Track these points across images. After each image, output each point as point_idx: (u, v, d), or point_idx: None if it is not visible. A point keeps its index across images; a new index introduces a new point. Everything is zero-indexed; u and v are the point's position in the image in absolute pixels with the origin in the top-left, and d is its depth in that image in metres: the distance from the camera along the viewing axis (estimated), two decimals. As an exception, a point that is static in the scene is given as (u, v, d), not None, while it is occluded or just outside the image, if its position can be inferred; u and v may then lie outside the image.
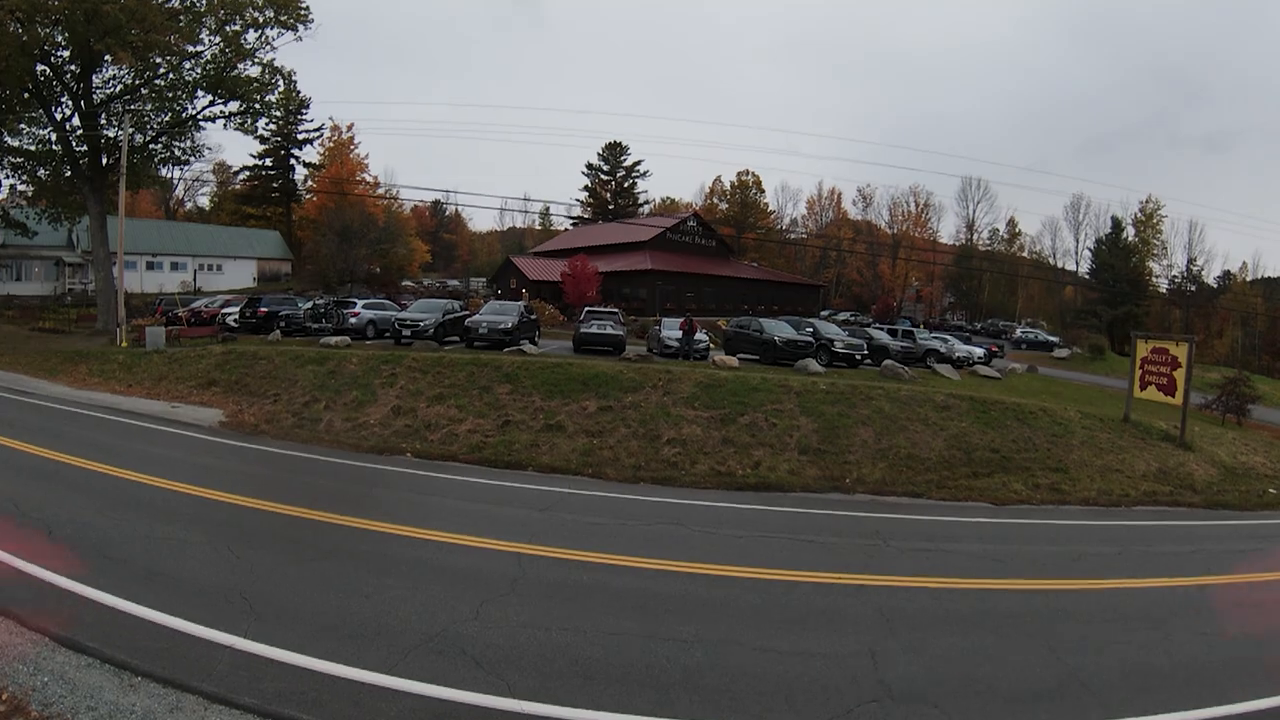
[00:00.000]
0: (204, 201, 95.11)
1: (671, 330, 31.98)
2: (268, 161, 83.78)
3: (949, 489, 18.85)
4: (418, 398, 22.19)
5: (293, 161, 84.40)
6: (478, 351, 27.64)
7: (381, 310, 33.63)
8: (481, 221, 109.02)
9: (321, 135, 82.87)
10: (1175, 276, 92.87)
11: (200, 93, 43.32)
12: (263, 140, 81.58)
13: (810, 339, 31.09)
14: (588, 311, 33.66)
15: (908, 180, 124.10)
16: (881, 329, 39.75)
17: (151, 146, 44.45)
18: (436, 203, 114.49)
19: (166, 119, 43.67)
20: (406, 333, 30.29)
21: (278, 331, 33.59)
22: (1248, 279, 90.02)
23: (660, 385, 22.22)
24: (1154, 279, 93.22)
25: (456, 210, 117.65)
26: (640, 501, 15.36)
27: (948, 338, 43.30)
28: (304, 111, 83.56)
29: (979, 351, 43.95)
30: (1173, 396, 25.39)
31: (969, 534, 15.02)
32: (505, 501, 14.69)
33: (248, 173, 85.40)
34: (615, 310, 32.03)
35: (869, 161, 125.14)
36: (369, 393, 22.79)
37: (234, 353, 27.55)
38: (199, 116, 44.79)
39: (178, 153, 46.49)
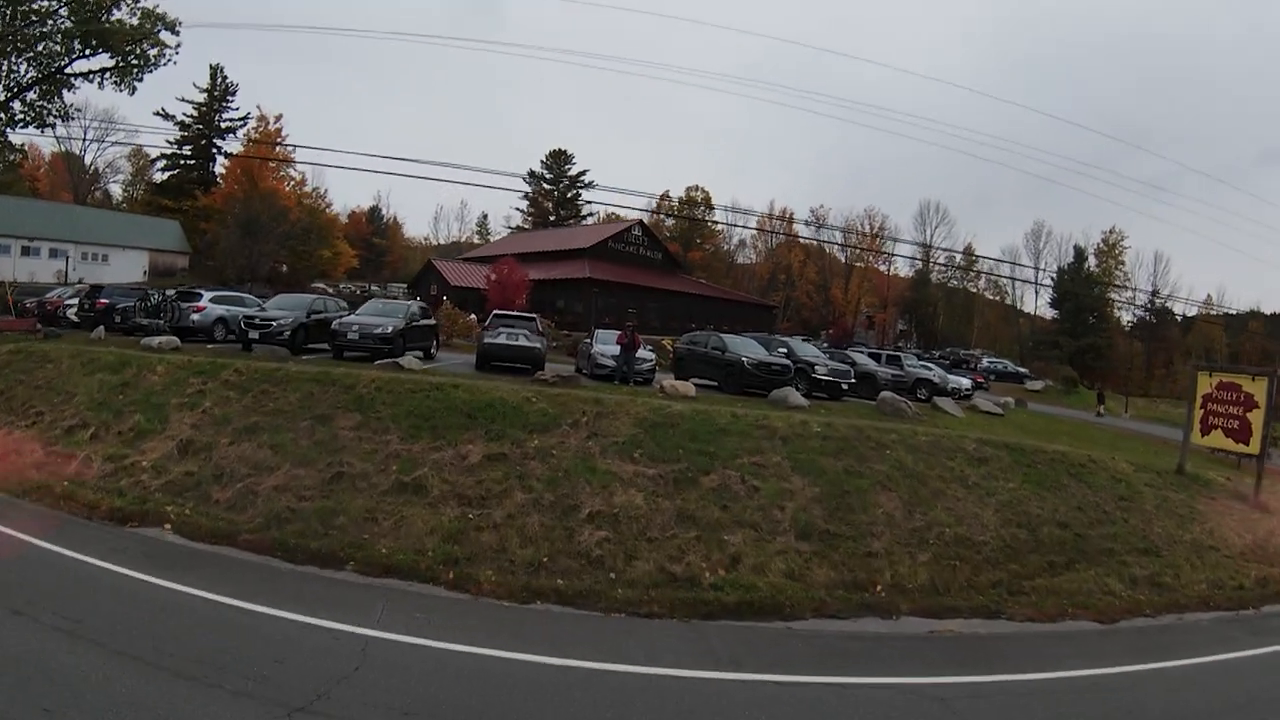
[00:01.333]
0: (116, 190, 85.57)
1: (607, 345, 24.33)
2: (186, 150, 75.09)
3: (1028, 597, 12.15)
4: (221, 428, 14.42)
5: (214, 152, 75.92)
6: (346, 365, 19.97)
7: (240, 306, 25.64)
8: (417, 229, 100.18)
9: (246, 125, 74.75)
10: (1138, 308, 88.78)
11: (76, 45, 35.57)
12: (183, 127, 73.55)
13: (786, 362, 24.07)
14: (495, 317, 24.60)
15: (862, 202, 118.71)
16: (861, 353, 32.68)
17: (12, 105, 36.46)
18: (374, 209, 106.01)
19: (31, 75, 35.82)
20: (254, 334, 22.55)
21: (102, 329, 25.45)
22: (1212, 311, 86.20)
23: (585, 422, 14.78)
24: (1116, 310, 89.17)
25: (394, 218, 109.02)
26: (523, 669, 7.87)
27: (931, 366, 36.69)
28: (230, 99, 75.76)
29: (966, 383, 37.46)
30: (1246, 443, 19.25)
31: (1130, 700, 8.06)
32: (203, 680, 6.72)
33: (164, 160, 76.43)
34: (532, 317, 24.11)
35: (824, 180, 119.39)
36: (157, 417, 14.97)
37: (22, 353, 19.54)
38: (69, 72, 36.93)
39: (45, 115, 38.48)
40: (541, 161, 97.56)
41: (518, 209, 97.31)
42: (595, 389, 18.92)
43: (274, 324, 22.63)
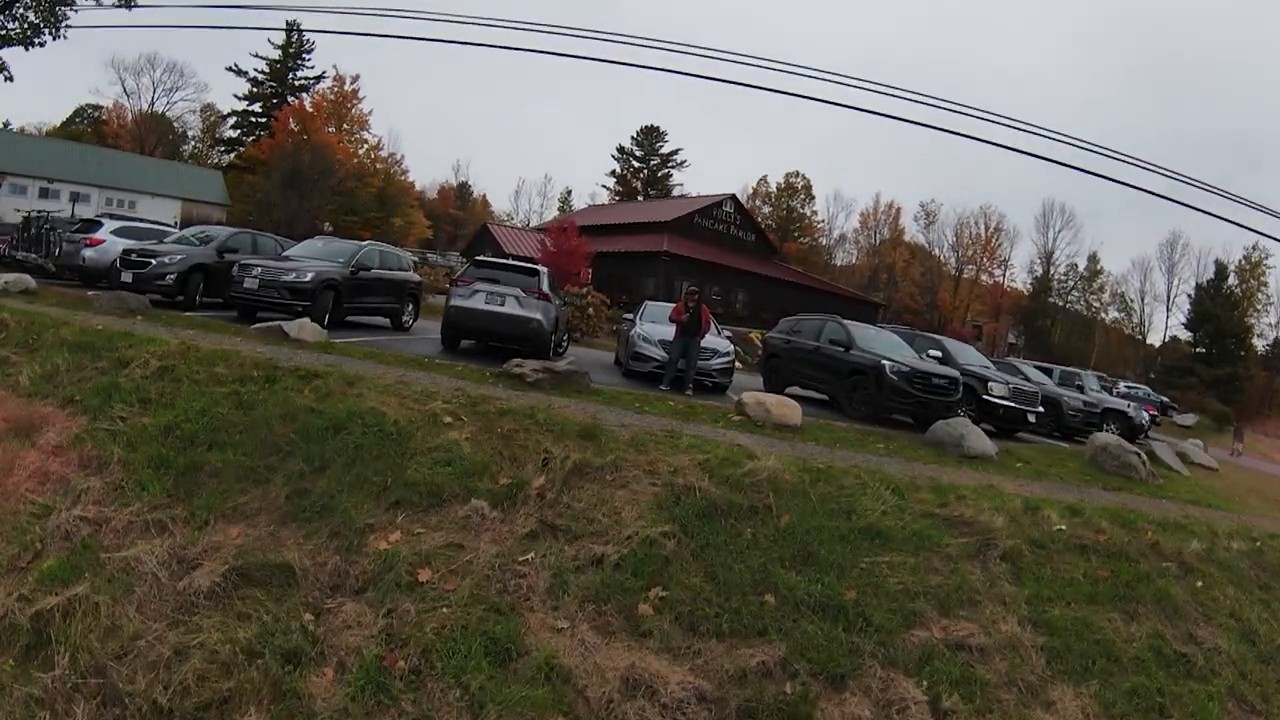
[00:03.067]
0: (186, 149, 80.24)
1: (657, 324, 14.81)
2: (257, 108, 68.83)
3: None
4: None
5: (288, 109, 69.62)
6: (232, 330, 11.58)
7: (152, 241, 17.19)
8: (499, 205, 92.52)
9: (321, 84, 68.12)
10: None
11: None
12: (255, 84, 67.25)
13: (954, 374, 14.34)
14: (475, 265, 15.07)
15: (977, 199, 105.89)
16: (1026, 367, 22.54)
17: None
18: (463, 185, 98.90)
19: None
20: (127, 275, 14.32)
21: (-19, 266, 17.51)
22: None
23: (538, 490, 6.27)
24: (1255, 338, 75.86)
25: (484, 197, 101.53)
26: None
27: (1108, 392, 26.63)
28: (305, 57, 69.17)
29: (1145, 416, 27.36)
30: None
31: None
32: None
33: (235, 118, 70.38)
34: (536, 269, 14.66)
35: (937, 171, 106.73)
36: None
37: None
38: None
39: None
40: (632, 137, 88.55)
41: (604, 186, 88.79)
42: (612, 397, 10.11)
43: (154, 262, 14.38)
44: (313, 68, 69.00)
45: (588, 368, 12.67)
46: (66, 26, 34.79)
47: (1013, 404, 15.31)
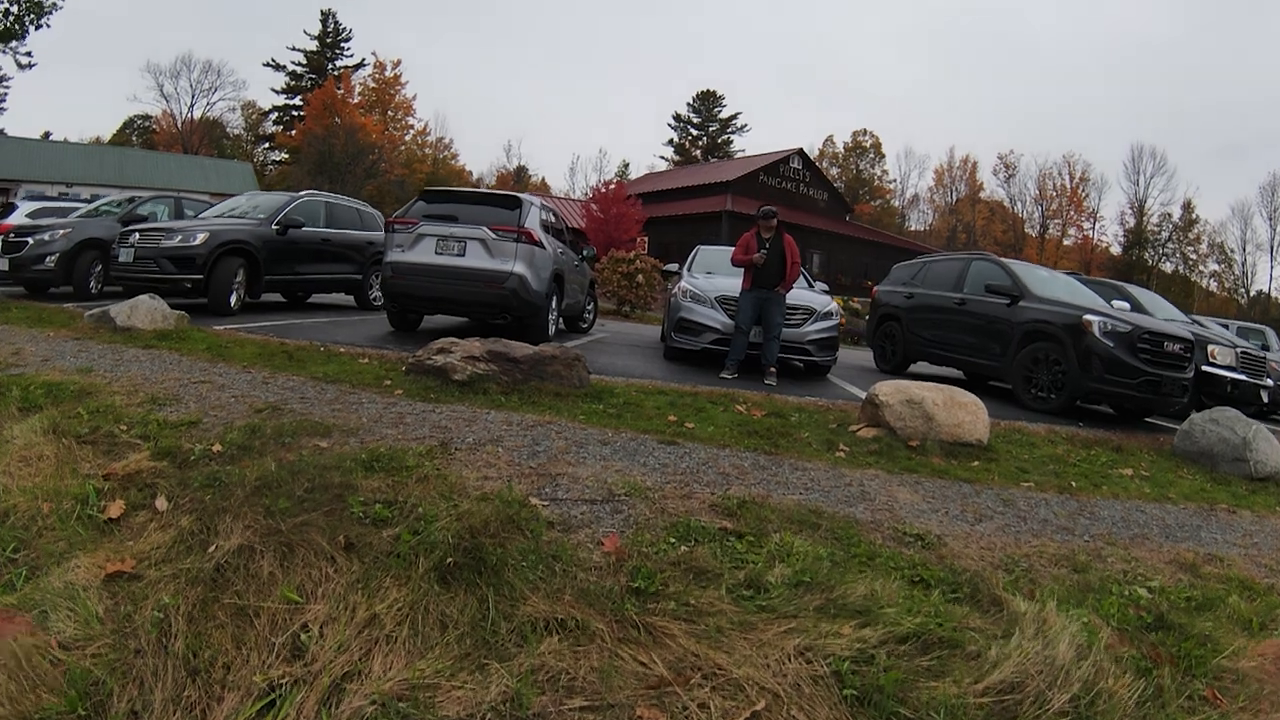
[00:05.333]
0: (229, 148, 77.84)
1: (715, 276, 9.50)
2: (297, 101, 65.57)
3: None
4: None
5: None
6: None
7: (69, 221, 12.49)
8: (555, 182, 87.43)
9: (361, 72, 64.54)
10: None
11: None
12: (294, 77, 64.02)
13: (1189, 336, 8.53)
14: (424, 197, 9.05)
15: (1060, 148, 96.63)
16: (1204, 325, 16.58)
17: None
18: (520, 169, 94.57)
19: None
20: (2, 263, 10.32)
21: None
22: None
23: None
24: None
25: (543, 180, 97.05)
26: None
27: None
28: (344, 45, 65.73)
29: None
30: None
31: None
32: None
33: (276, 113, 67.23)
34: (524, 197, 9.03)
35: (1017, 121, 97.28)
36: None
37: None
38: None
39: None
40: (688, 104, 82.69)
41: (662, 158, 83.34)
42: (625, 404, 5.30)
43: (30, 242, 10.13)
44: (351, 55, 65.62)
45: (623, 349, 7.94)
46: (49, 15, 30.96)
47: (1245, 377, 9.99)
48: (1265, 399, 10.30)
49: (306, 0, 75.39)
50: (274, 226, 10.20)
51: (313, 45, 64.79)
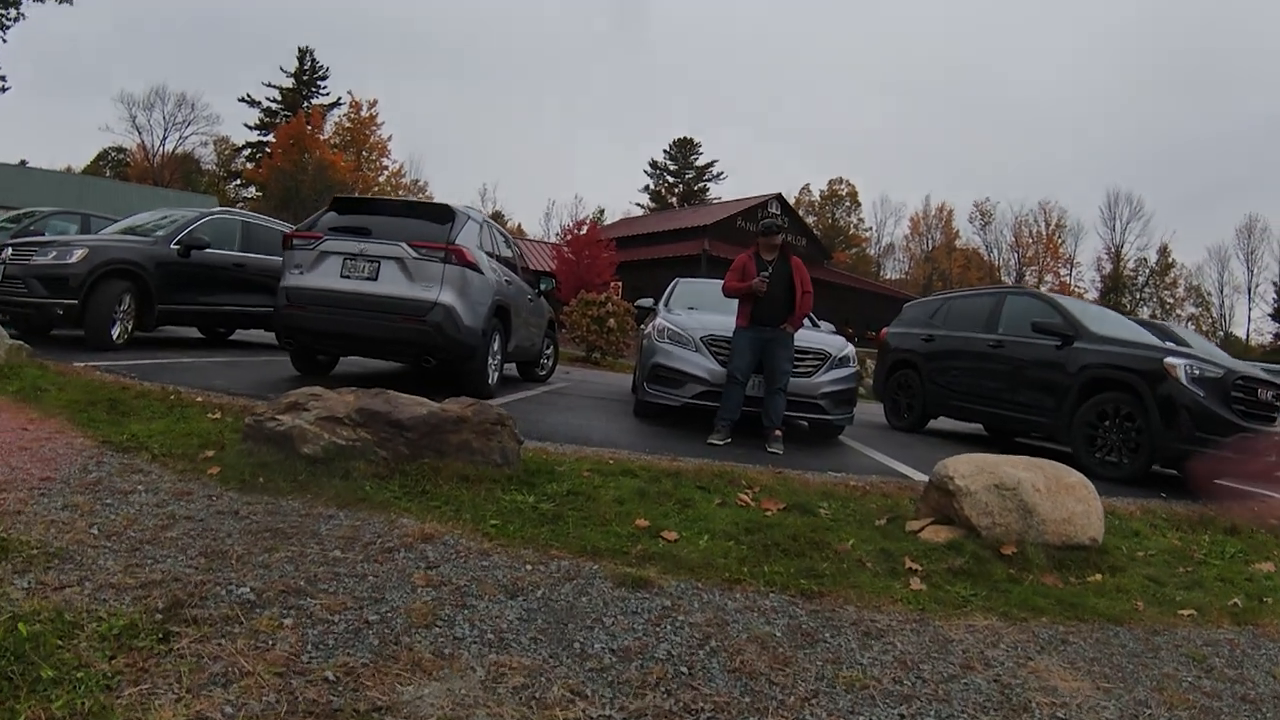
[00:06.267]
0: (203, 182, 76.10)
1: (699, 313, 7.39)
2: (270, 137, 63.97)
3: None
4: None
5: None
6: None
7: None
8: (530, 227, 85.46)
9: (336, 111, 63.20)
10: None
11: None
12: (268, 113, 62.49)
13: (1276, 382, 6.89)
14: (334, 206, 7.06)
15: (1035, 195, 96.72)
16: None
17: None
18: (496, 214, 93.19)
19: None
20: None
21: None
22: None
23: None
24: None
25: (519, 226, 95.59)
26: None
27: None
28: (320, 84, 64.33)
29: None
30: None
31: None
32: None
33: (249, 149, 65.55)
34: (458, 209, 7.02)
35: (990, 169, 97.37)
36: None
37: None
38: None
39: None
40: (665, 150, 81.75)
41: (638, 204, 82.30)
42: (564, 497, 3.47)
43: None
44: (328, 93, 64.03)
45: (585, 403, 6.23)
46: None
47: None
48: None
49: (285, 36, 74.04)
50: (174, 246, 8.38)
51: (289, 82, 63.26)
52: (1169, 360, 6.21)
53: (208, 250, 8.80)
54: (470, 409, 4.00)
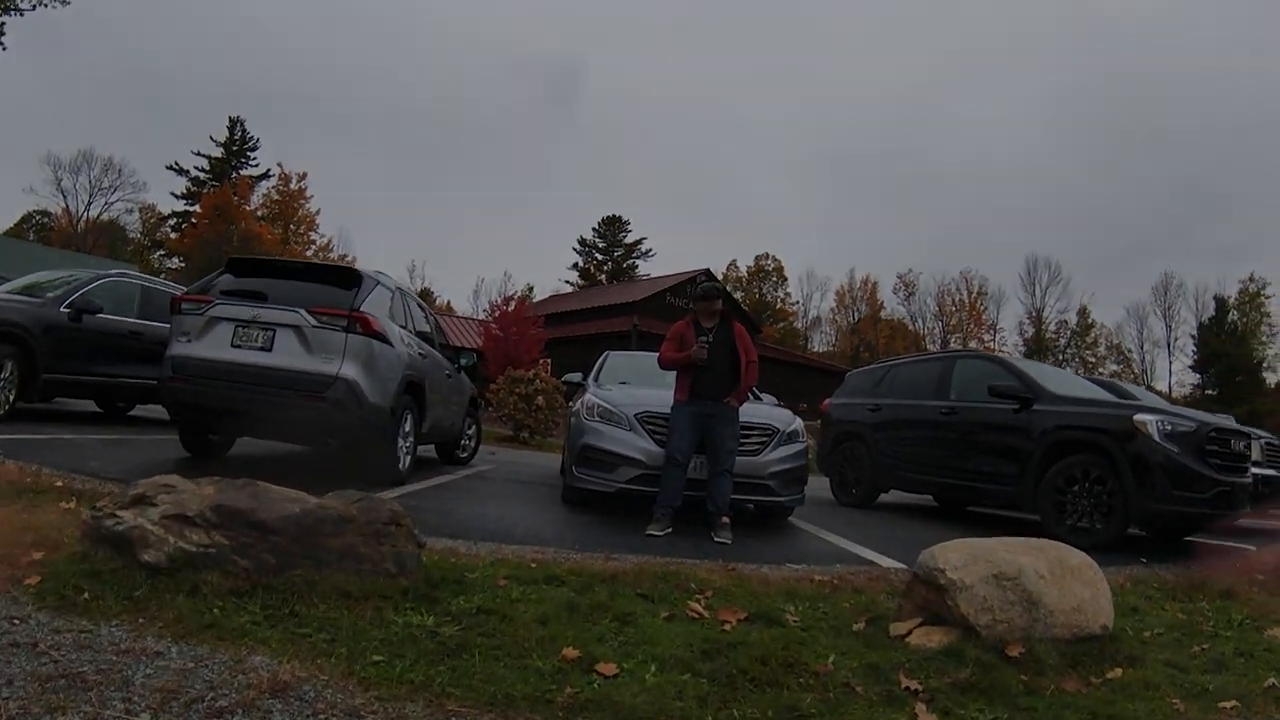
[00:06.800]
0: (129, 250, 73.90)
1: (632, 387, 6.85)
2: (196, 207, 62.49)
3: None
4: None
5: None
6: None
7: None
8: (459, 304, 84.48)
9: (266, 183, 62.37)
10: None
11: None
12: (196, 182, 61.04)
13: (1241, 429, 6.93)
14: (230, 268, 6.45)
15: (957, 265, 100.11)
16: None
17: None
18: (424, 291, 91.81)
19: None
20: None
21: None
22: None
23: None
24: (1266, 369, 70.95)
25: (448, 304, 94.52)
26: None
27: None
28: (250, 155, 63.36)
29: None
30: None
31: None
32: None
33: (175, 219, 63.84)
34: (366, 274, 6.50)
35: (913, 241, 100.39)
36: None
37: None
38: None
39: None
40: (593, 228, 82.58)
41: (567, 281, 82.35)
42: (513, 601, 2.82)
43: None
44: (257, 164, 62.96)
45: (508, 488, 5.87)
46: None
47: (1274, 472, 8.31)
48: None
49: (216, 105, 72.52)
50: (64, 310, 7.66)
51: (218, 152, 62.11)
52: (1139, 417, 5.89)
53: (101, 315, 8.05)
54: (356, 505, 3.31)
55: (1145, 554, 5.94)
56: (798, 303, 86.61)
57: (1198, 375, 70.83)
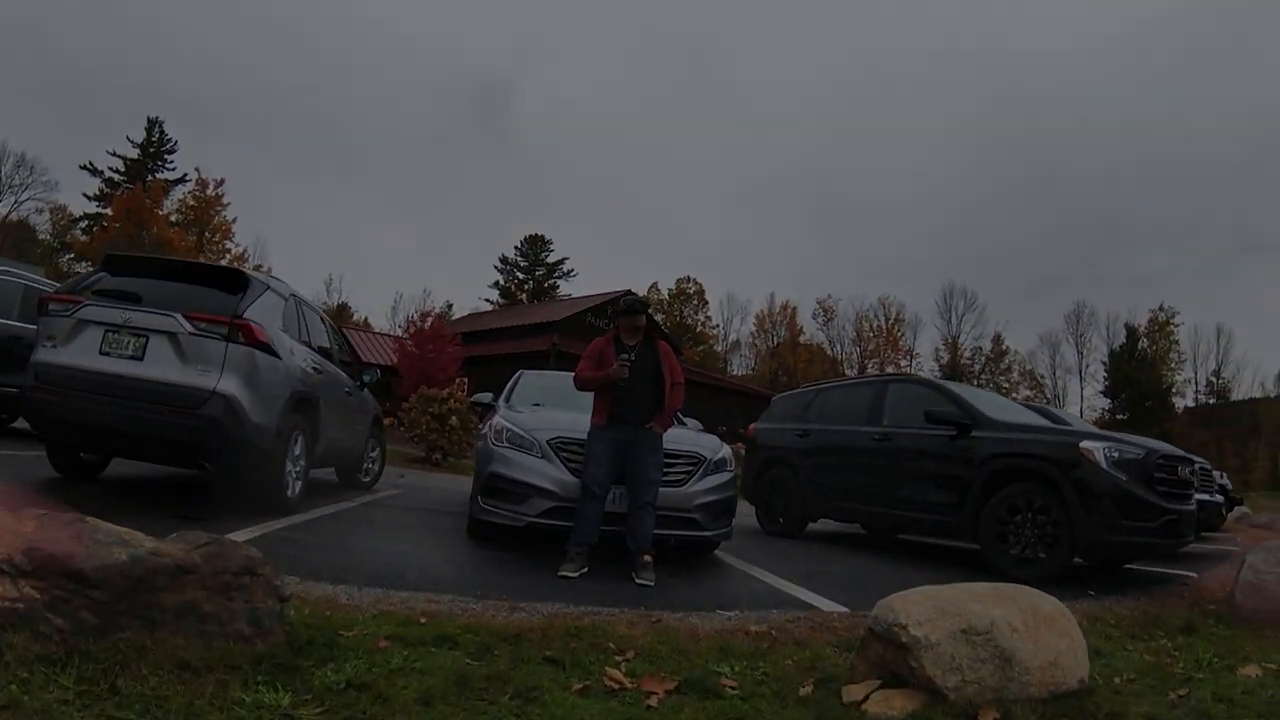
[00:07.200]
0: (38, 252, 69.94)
1: (545, 410, 6.28)
2: (109, 210, 59.71)
3: None
4: None
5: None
6: None
7: None
8: (376, 321, 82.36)
9: (182, 187, 60.06)
10: (1200, 392, 74.89)
11: None
12: (110, 184, 58.25)
13: (1188, 456, 6.69)
14: (106, 265, 5.78)
15: (876, 290, 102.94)
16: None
17: None
18: (342, 305, 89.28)
19: None
20: None
21: None
22: None
23: None
24: (1175, 395, 74.76)
25: (365, 319, 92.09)
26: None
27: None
28: (167, 157, 60.90)
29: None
30: None
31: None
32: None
33: (87, 221, 60.80)
34: (253, 277, 5.88)
35: (832, 267, 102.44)
36: None
37: None
38: None
39: None
40: (515, 247, 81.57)
41: (487, 300, 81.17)
42: (393, 671, 2.26)
43: None
44: (174, 168, 60.44)
45: (410, 518, 6.58)
46: None
47: (1208, 497, 8.38)
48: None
49: (136, 105, 68.88)
50: None
51: (135, 153, 59.54)
52: (1086, 444, 5.63)
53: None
54: (200, 551, 2.71)
55: (1090, 585, 5.68)
56: (718, 326, 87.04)
57: (1108, 400, 74.04)
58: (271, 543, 4.69)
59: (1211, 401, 73.87)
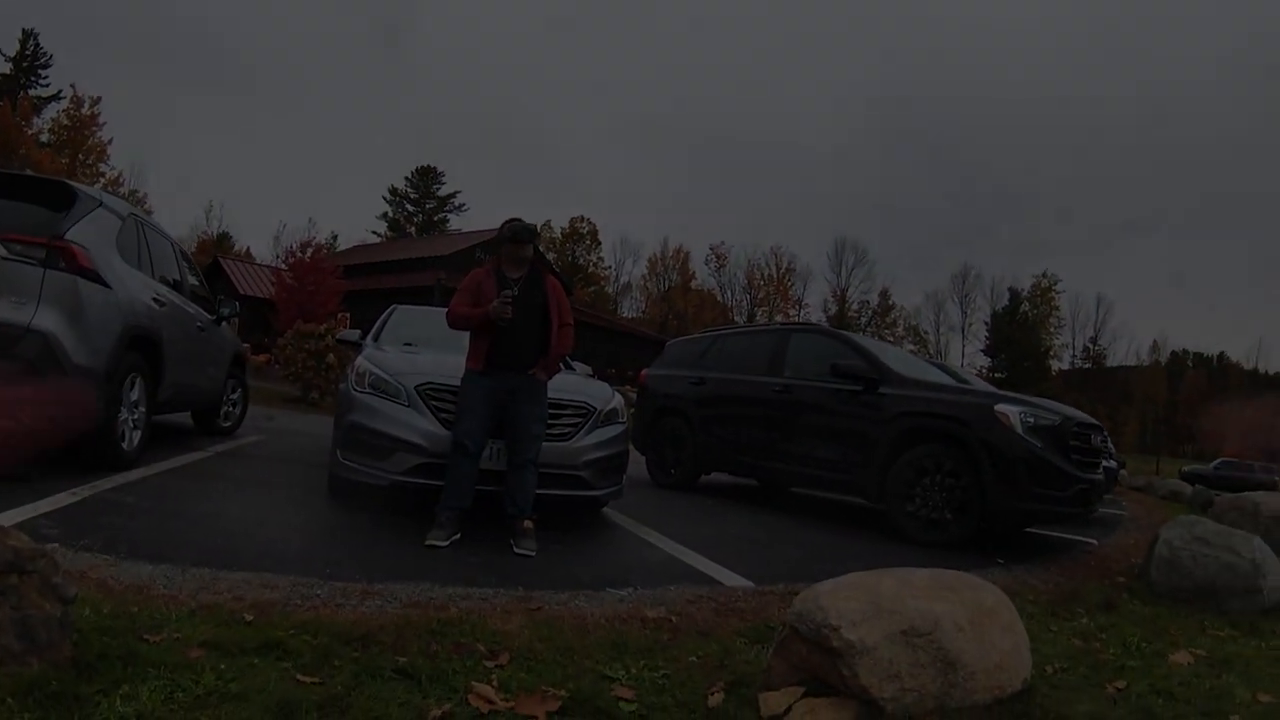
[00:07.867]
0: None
1: (416, 352, 5.63)
2: None
3: None
4: None
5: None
6: None
7: None
8: (259, 250, 78.13)
9: (55, 105, 55.60)
10: (1076, 356, 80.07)
11: None
12: None
13: (1100, 425, 6.67)
14: None
15: (767, 241, 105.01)
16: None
17: None
18: (223, 235, 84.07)
19: None
20: None
21: None
22: (1160, 359, 78.61)
23: None
24: (1052, 358, 79.74)
25: (248, 250, 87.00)
26: None
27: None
28: (41, 73, 57.44)
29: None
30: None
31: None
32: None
33: None
34: (80, 189, 4.96)
35: (727, 214, 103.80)
36: None
37: None
38: None
39: None
40: (406, 178, 78.63)
41: (375, 232, 77.93)
42: (205, 694, 1.72)
43: None
44: (49, 84, 56.78)
45: (268, 470, 6.22)
46: None
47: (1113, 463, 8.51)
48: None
49: (8, 13, 62.26)
50: None
51: (6, 67, 55.60)
52: (1001, 408, 5.42)
53: None
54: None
55: (994, 551, 5.52)
56: (610, 268, 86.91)
57: (989, 359, 78.22)
58: (93, 508, 4.02)
59: (1087, 366, 79.09)
